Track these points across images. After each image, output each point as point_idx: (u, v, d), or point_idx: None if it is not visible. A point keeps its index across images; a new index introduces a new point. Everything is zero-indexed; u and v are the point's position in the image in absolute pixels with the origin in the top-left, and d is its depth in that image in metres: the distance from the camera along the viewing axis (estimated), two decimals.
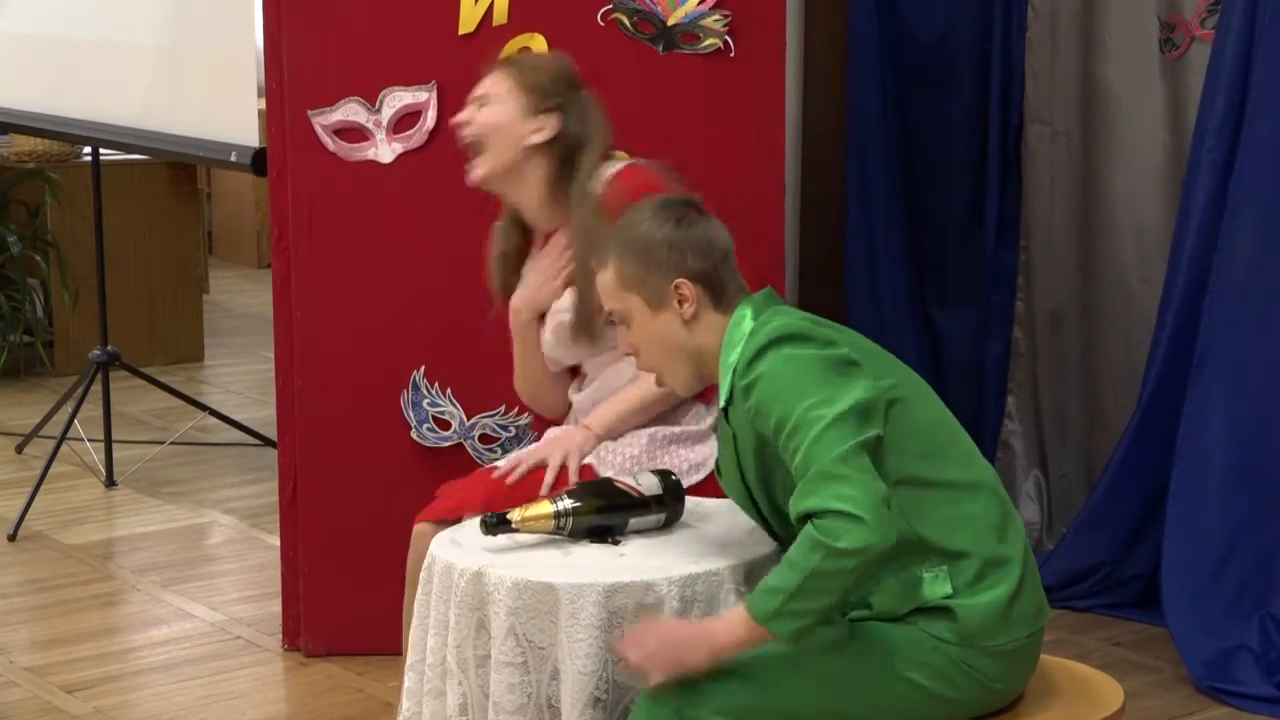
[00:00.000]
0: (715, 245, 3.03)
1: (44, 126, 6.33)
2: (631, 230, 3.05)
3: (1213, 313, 4.48)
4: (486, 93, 3.69)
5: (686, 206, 3.07)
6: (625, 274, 3.04)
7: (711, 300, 3.02)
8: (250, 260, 10.44)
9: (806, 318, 2.98)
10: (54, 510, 5.83)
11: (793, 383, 2.85)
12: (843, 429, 2.79)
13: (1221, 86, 4.47)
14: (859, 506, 2.73)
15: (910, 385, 2.99)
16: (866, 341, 3.03)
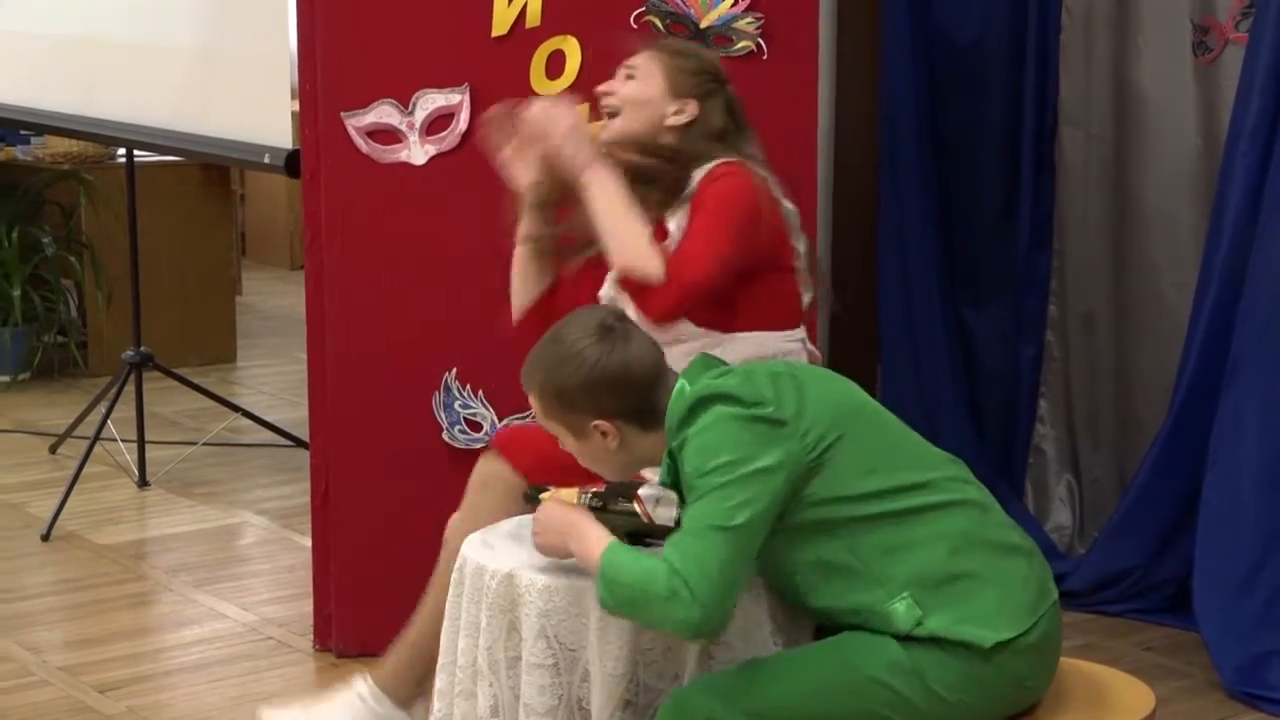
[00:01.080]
0: (633, 375, 3.02)
1: (78, 128, 6.35)
2: (551, 368, 3.05)
3: (1247, 318, 4.46)
4: (631, 64, 3.71)
5: (607, 332, 3.04)
6: (547, 407, 3.07)
7: (637, 428, 3.04)
8: (283, 262, 10.46)
9: (741, 374, 2.97)
10: (87, 510, 5.85)
11: (710, 441, 2.88)
12: (732, 497, 2.82)
13: (1255, 90, 4.46)
14: (702, 596, 2.78)
15: (849, 420, 2.96)
16: (812, 382, 3.00)
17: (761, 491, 2.84)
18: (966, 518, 2.97)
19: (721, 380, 2.95)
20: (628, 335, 3.06)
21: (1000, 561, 2.96)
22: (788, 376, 2.99)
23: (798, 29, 4.41)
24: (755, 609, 3.02)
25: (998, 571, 2.94)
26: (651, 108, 3.68)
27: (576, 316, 3.12)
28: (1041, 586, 2.99)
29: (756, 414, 2.88)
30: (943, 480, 2.99)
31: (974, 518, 2.98)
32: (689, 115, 3.68)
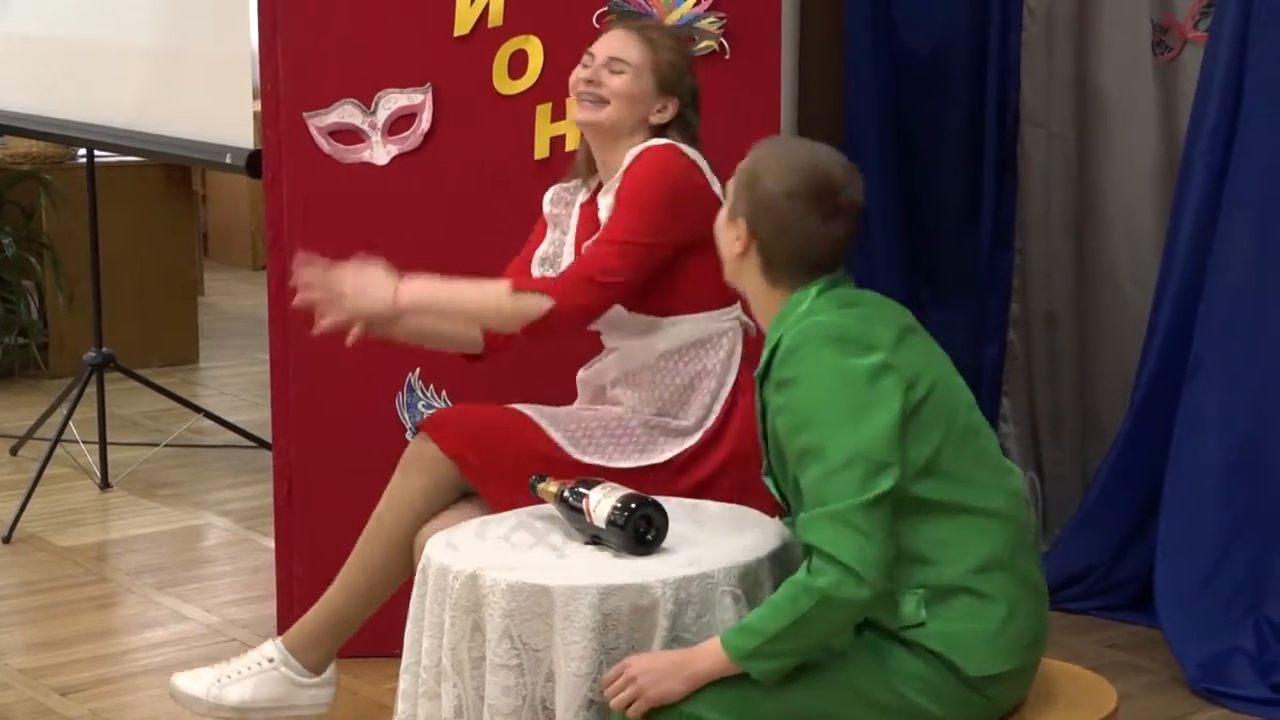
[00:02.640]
0: (796, 239, 2.95)
1: (39, 128, 6.33)
2: (776, 159, 3.00)
3: (1207, 315, 4.48)
4: (620, 58, 3.70)
5: (834, 200, 2.96)
6: (737, 173, 3.04)
7: (761, 263, 2.99)
8: (245, 262, 10.43)
9: (850, 311, 2.93)
10: (49, 512, 5.83)
11: (820, 398, 2.83)
12: (860, 470, 2.78)
13: (1215, 89, 4.48)
14: (866, 566, 2.74)
15: (944, 389, 2.95)
16: (910, 331, 2.98)
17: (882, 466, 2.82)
18: (1005, 537, 2.94)
19: (833, 320, 2.91)
20: (840, 220, 2.98)
21: (1018, 592, 2.93)
22: (889, 310, 2.99)
23: (760, 29, 4.41)
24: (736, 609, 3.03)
25: (1011, 602, 2.91)
26: (641, 104, 3.72)
27: (838, 164, 3.01)
28: (1040, 633, 2.99)
29: (866, 364, 2.84)
30: (999, 489, 2.97)
31: (1011, 540, 2.95)
32: (671, 113, 3.72)
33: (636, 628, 2.97)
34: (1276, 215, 4.41)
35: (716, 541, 3.15)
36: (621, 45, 3.73)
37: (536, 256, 3.84)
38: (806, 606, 2.77)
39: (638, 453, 3.67)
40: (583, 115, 3.74)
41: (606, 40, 3.77)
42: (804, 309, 2.95)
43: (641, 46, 3.73)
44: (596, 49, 3.76)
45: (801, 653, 2.83)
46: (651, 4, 4.34)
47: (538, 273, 3.81)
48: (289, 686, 3.76)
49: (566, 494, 3.20)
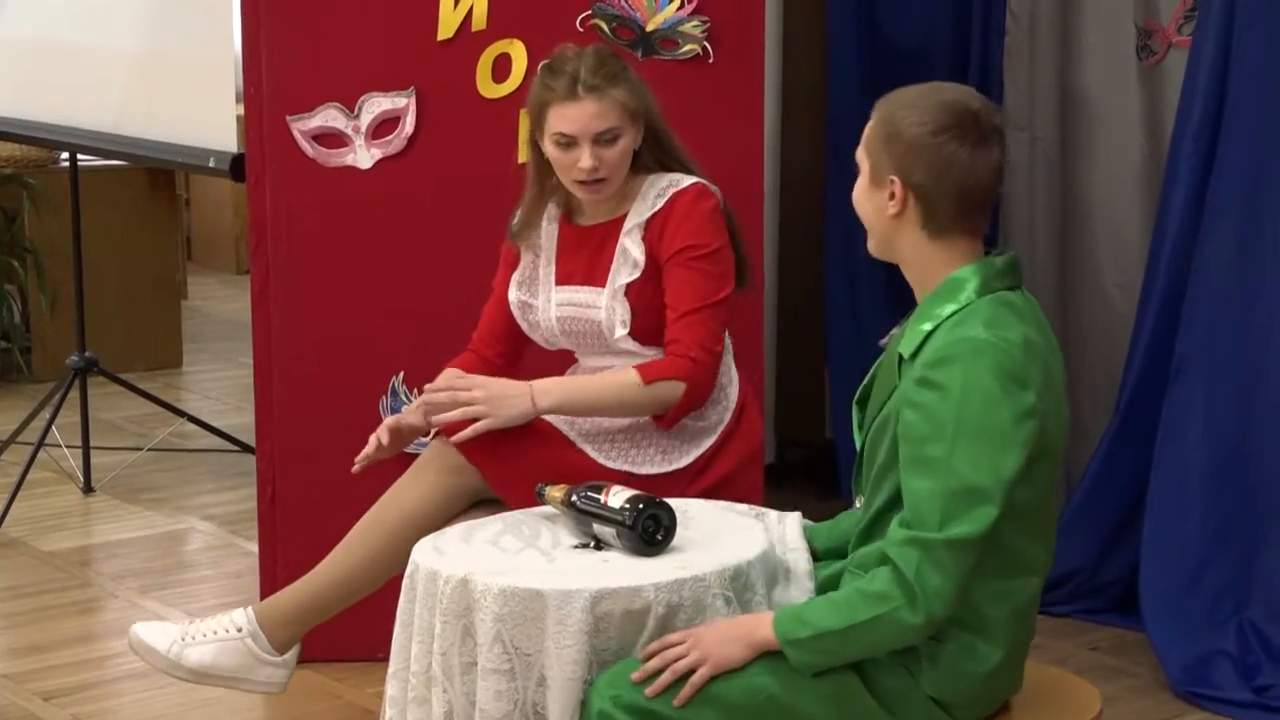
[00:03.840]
0: (956, 174, 2.86)
1: (21, 132, 6.31)
2: (908, 106, 2.92)
3: (1191, 318, 4.49)
4: (606, 128, 3.61)
5: (979, 127, 2.88)
6: (870, 137, 2.96)
7: (921, 217, 2.90)
8: (229, 266, 10.41)
9: (1015, 338, 2.84)
10: (31, 516, 5.81)
11: (965, 418, 2.78)
12: (972, 507, 2.76)
13: (1199, 93, 4.49)
14: (938, 601, 2.75)
15: (1056, 436, 2.92)
16: (1051, 368, 2.92)
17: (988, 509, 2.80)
18: (1032, 592, 2.94)
19: (999, 339, 2.83)
20: (991, 145, 2.89)
21: (1020, 650, 2.95)
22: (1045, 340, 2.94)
23: (744, 32, 4.41)
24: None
25: (1013, 656, 2.93)
26: (628, 154, 3.69)
27: (969, 94, 2.93)
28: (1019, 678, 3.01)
29: (1015, 405, 2.80)
30: (1047, 544, 2.97)
31: (1034, 597, 2.95)
32: (640, 135, 3.71)
33: (627, 630, 2.97)
34: (1260, 218, 4.42)
35: (707, 544, 3.15)
36: (597, 115, 3.61)
37: (514, 280, 3.82)
38: (863, 616, 2.78)
39: (661, 457, 3.67)
40: (591, 197, 3.68)
41: (579, 117, 3.60)
42: (964, 299, 2.88)
43: (611, 103, 3.62)
44: (573, 130, 3.60)
45: (845, 656, 2.83)
46: (635, 8, 4.35)
47: (515, 298, 3.79)
48: (249, 659, 3.68)
49: (575, 498, 3.20)
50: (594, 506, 3.16)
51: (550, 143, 3.64)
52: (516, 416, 3.55)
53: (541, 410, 3.57)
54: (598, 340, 3.72)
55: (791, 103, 5.69)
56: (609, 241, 3.71)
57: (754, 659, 2.87)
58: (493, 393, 3.55)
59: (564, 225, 3.80)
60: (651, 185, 3.72)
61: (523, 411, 3.55)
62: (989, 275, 2.91)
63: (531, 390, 3.56)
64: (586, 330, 3.72)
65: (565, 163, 3.63)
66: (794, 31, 5.69)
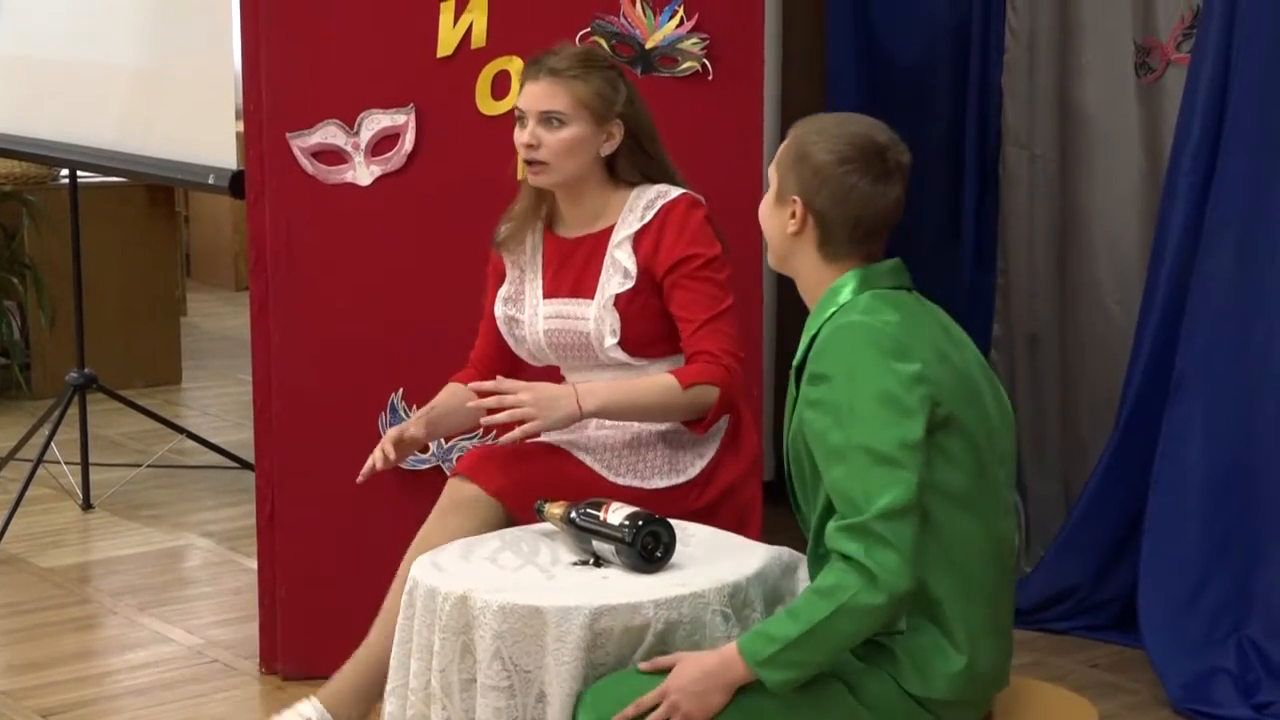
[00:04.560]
0: (853, 204, 2.97)
1: (21, 149, 6.31)
2: (820, 132, 3.03)
3: (1190, 335, 4.49)
4: (551, 110, 3.65)
5: (883, 162, 2.99)
6: (781, 156, 3.07)
7: (818, 239, 3.00)
8: (228, 283, 10.42)
9: (892, 319, 2.91)
10: (30, 533, 5.81)
11: (855, 396, 2.83)
12: (889, 477, 2.78)
13: (1198, 110, 4.49)
14: (894, 575, 2.75)
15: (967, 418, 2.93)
16: (944, 354, 2.96)
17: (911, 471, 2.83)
18: (988, 577, 2.94)
19: (871, 321, 2.91)
20: (892, 180, 3.01)
21: (984, 635, 2.93)
22: (927, 315, 3.02)
23: (743, 49, 4.42)
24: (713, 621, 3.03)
25: (973, 645, 2.91)
26: (584, 147, 3.69)
27: (878, 128, 3.04)
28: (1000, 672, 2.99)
29: (899, 372, 2.85)
30: (996, 529, 2.96)
31: (994, 579, 2.95)
32: (617, 139, 3.70)
33: (626, 646, 2.97)
34: (1259, 235, 4.42)
35: (706, 561, 3.16)
36: (546, 95, 3.66)
37: (499, 296, 3.82)
38: (824, 612, 2.78)
39: (669, 469, 3.68)
40: (533, 180, 3.72)
41: (531, 93, 3.68)
42: (843, 299, 2.96)
43: (565, 90, 3.66)
44: (524, 104, 3.69)
45: (817, 663, 2.83)
46: (634, 25, 4.35)
47: (502, 313, 3.80)
48: None
49: (574, 515, 3.20)
50: (593, 523, 3.16)
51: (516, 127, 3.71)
52: (563, 419, 3.56)
53: (587, 413, 3.58)
54: (585, 353, 3.71)
55: (790, 119, 5.66)
56: (596, 253, 3.71)
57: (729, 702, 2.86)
58: (540, 396, 3.56)
59: (548, 238, 3.80)
60: (638, 197, 3.72)
61: (569, 414, 3.56)
62: (868, 276, 3.00)
63: (577, 393, 3.57)
64: (574, 343, 3.72)
65: (517, 140, 3.70)
66: (793, 48, 5.70)
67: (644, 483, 3.64)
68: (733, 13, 4.39)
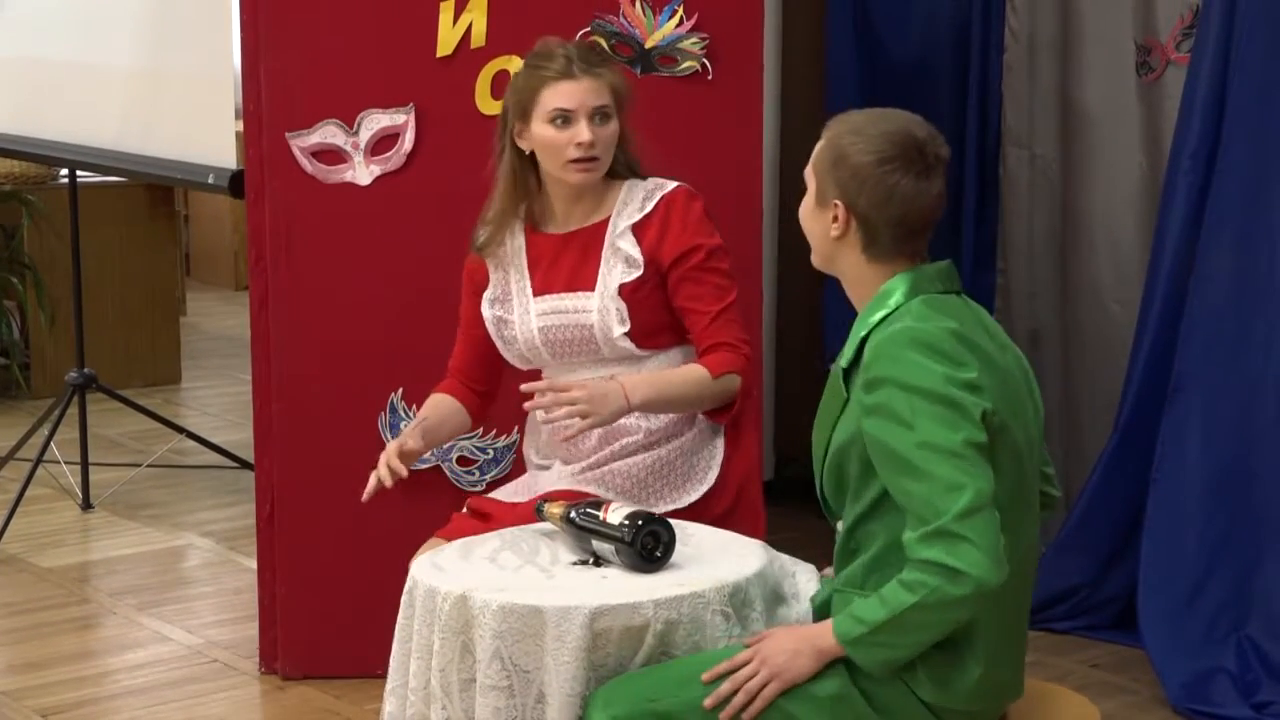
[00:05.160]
0: (896, 204, 2.93)
1: (21, 148, 6.32)
2: (856, 132, 2.97)
3: (1189, 335, 4.49)
4: (600, 104, 3.61)
5: (924, 159, 2.96)
6: (817, 158, 3.01)
7: (862, 242, 2.96)
8: (228, 282, 10.42)
9: (946, 325, 2.88)
10: (30, 533, 5.81)
11: (910, 402, 2.81)
12: (960, 476, 2.77)
13: (1197, 110, 4.49)
14: (980, 567, 2.74)
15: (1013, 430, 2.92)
16: (991, 362, 2.92)
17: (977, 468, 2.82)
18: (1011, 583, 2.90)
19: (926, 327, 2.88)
20: (934, 176, 2.97)
21: (1005, 651, 2.93)
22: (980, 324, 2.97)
23: (742, 49, 4.42)
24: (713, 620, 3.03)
25: (998, 657, 2.91)
26: (615, 140, 3.67)
27: (916, 123, 3.00)
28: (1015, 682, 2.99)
29: (956, 377, 2.83)
30: (1025, 538, 2.95)
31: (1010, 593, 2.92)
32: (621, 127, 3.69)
33: (626, 646, 2.96)
34: (1258, 235, 4.42)
35: (705, 560, 3.15)
36: (594, 91, 3.61)
37: (486, 299, 3.76)
38: (908, 601, 2.78)
39: (695, 481, 3.67)
40: (584, 178, 3.64)
41: (576, 91, 3.60)
42: (893, 304, 2.93)
43: (605, 83, 3.63)
44: (572, 104, 3.58)
45: (905, 645, 2.84)
46: (634, 25, 4.35)
47: (490, 315, 3.76)
48: None
49: (574, 514, 3.20)
50: (593, 523, 3.16)
51: (544, 123, 3.60)
52: (614, 413, 3.55)
53: (634, 406, 3.57)
54: (585, 348, 3.68)
55: (790, 118, 5.69)
56: (593, 245, 3.69)
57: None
58: (593, 393, 3.54)
59: (532, 235, 3.73)
60: (631, 189, 3.70)
61: (619, 408, 3.55)
62: (918, 280, 2.96)
63: (624, 388, 3.56)
64: (573, 338, 3.68)
65: (560, 141, 3.60)
66: (793, 47, 5.70)
67: (675, 504, 3.63)
68: (732, 12, 4.39)
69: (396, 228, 4.39)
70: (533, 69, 3.66)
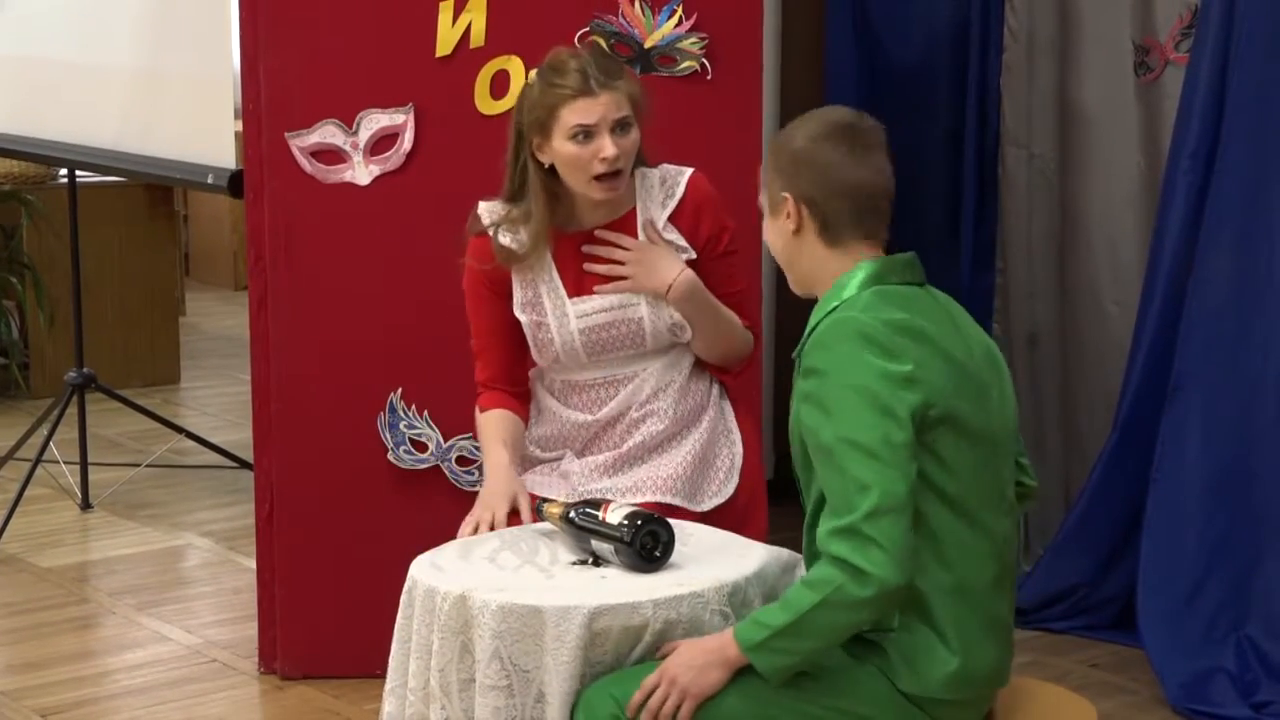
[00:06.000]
0: (837, 179, 2.96)
1: (20, 148, 6.32)
2: (787, 129, 3.04)
3: (1188, 335, 4.49)
4: (621, 116, 3.56)
5: (858, 134, 2.99)
6: (762, 171, 3.06)
7: (817, 227, 2.98)
8: (227, 282, 10.42)
9: (890, 316, 2.88)
10: (29, 533, 5.81)
11: (838, 394, 2.83)
12: (873, 474, 2.77)
13: (1196, 110, 4.49)
14: (883, 569, 2.74)
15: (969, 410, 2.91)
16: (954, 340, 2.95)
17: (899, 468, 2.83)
18: (982, 582, 2.93)
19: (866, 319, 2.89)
20: (873, 151, 3.00)
21: (977, 634, 2.92)
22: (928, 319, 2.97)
23: (742, 49, 4.42)
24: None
25: (967, 646, 2.90)
26: (638, 144, 3.65)
27: (844, 110, 3.08)
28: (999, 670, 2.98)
29: (890, 370, 2.84)
30: (993, 529, 2.95)
31: (990, 577, 2.93)
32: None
33: (624, 646, 2.97)
34: (1257, 235, 4.42)
35: (705, 560, 3.16)
36: (615, 103, 3.55)
37: (516, 305, 3.69)
38: (810, 602, 2.79)
39: (726, 474, 3.69)
40: (611, 193, 3.60)
41: (595, 107, 3.53)
42: (848, 294, 2.94)
43: (624, 94, 3.57)
44: (593, 120, 3.53)
45: (806, 652, 2.84)
46: (633, 24, 4.35)
47: (526, 320, 3.68)
48: None
49: (573, 514, 3.20)
50: (592, 523, 3.16)
51: (565, 139, 3.55)
52: (650, 290, 3.62)
53: (673, 298, 3.62)
54: (629, 343, 3.65)
55: (790, 118, 5.67)
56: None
57: (729, 681, 2.88)
58: (644, 259, 3.62)
59: (556, 237, 3.68)
60: (645, 178, 3.68)
61: (655, 289, 3.62)
62: (878, 270, 2.97)
63: (676, 278, 3.62)
64: (619, 335, 3.64)
65: (584, 157, 3.55)
66: (792, 47, 5.70)
67: (716, 497, 3.65)
68: (732, 12, 4.39)
69: (396, 228, 4.39)
70: (548, 85, 3.58)
